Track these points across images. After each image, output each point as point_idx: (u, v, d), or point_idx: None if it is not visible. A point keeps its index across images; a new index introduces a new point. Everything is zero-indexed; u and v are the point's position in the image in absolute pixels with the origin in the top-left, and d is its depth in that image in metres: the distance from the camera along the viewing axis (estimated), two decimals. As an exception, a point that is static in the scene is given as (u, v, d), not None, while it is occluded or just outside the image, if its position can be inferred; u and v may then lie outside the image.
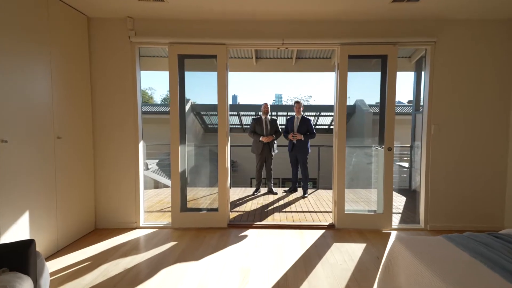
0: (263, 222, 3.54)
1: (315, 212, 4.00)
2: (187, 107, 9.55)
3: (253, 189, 5.16)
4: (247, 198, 4.75)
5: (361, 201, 3.93)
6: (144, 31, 3.18)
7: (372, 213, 3.39)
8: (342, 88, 3.26)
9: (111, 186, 3.29)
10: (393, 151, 3.27)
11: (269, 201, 4.57)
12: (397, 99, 3.44)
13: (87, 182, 3.17)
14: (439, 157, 3.30)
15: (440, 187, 3.31)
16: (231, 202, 4.48)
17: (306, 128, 4.85)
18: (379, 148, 3.40)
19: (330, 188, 5.72)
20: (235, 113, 10.17)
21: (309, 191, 5.14)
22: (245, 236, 3.16)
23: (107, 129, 3.26)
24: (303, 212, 4.01)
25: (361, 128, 10.15)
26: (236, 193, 5.08)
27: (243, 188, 5.50)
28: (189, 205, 3.61)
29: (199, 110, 10.09)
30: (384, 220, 3.33)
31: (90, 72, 3.19)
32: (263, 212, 3.99)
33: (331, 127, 12.06)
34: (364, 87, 4.10)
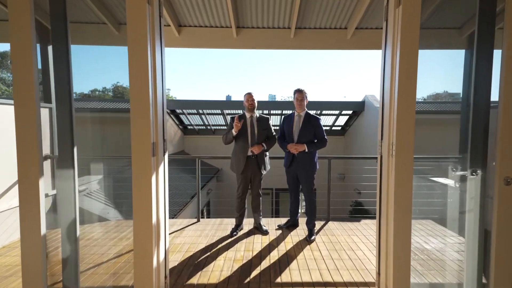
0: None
1: (335, 285, 2.23)
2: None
3: (235, 220, 3.40)
4: (220, 245, 2.95)
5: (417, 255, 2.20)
6: None
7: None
8: (406, 56, 1.49)
9: None
10: (512, 187, 1.52)
11: (255, 252, 2.79)
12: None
13: None
14: None
15: None
16: (191, 256, 2.68)
17: (313, 131, 3.09)
18: (471, 176, 1.65)
19: (344, 220, 3.82)
20: (219, 111, 8.35)
21: (316, 225, 3.40)
22: None
23: None
24: (313, 285, 2.23)
25: (373, 131, 8.40)
26: (204, 233, 3.28)
27: (219, 221, 3.70)
28: (90, 279, 1.83)
29: (173, 107, 8.22)
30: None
31: None
32: (240, 286, 2.20)
33: (333, 128, 10.36)
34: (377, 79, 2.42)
